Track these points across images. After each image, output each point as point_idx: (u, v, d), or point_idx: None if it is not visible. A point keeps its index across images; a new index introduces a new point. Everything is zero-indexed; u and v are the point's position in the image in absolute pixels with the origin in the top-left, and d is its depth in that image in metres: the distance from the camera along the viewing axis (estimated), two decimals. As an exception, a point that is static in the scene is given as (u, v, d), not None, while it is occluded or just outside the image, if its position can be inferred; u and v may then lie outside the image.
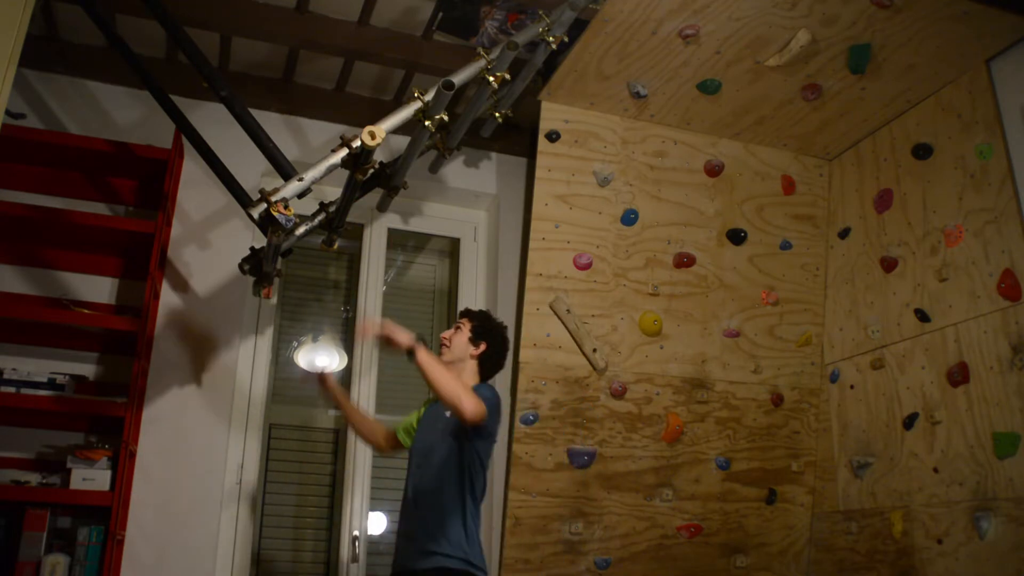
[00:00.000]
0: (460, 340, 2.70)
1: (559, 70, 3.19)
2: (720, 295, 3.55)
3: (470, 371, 2.70)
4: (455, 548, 2.44)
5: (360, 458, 3.38)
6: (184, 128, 2.82)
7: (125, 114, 3.33)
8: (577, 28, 2.97)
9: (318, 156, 2.78)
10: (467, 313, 2.80)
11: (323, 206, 2.90)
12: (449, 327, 3.80)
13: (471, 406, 2.38)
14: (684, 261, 3.52)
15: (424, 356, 2.43)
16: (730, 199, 3.62)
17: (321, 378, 2.92)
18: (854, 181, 3.62)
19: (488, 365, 2.72)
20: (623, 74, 3.23)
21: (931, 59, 3.10)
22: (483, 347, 2.69)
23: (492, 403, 2.51)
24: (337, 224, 2.90)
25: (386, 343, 2.48)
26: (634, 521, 3.34)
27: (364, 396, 3.45)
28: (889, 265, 3.35)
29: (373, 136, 2.43)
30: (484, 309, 2.84)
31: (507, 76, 2.92)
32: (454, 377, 2.49)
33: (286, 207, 2.38)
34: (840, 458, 3.45)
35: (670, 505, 3.38)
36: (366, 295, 3.57)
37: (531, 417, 3.24)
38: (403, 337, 2.45)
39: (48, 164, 3.10)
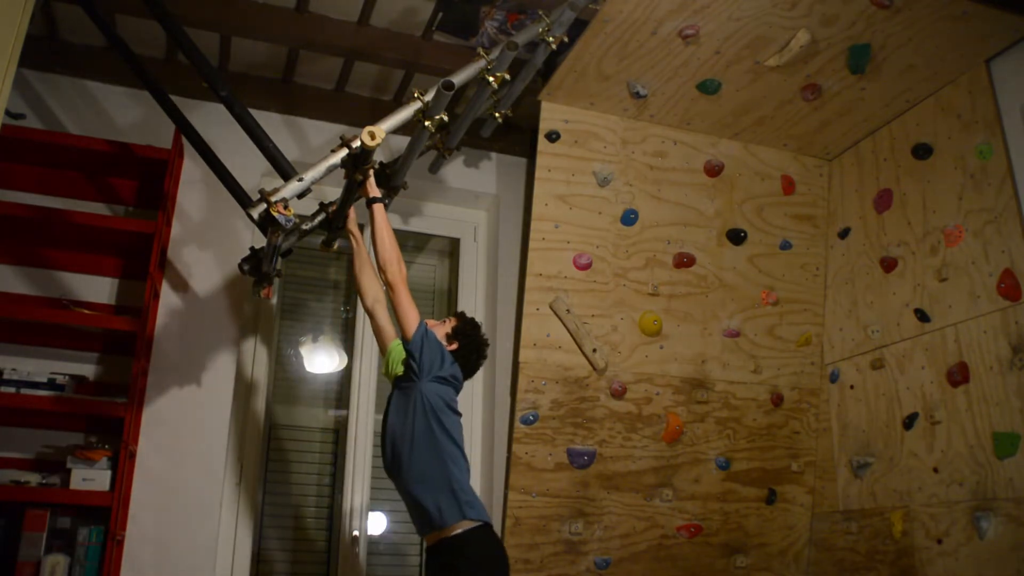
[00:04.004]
0: (439, 331, 2.68)
1: (559, 70, 3.19)
2: (720, 295, 3.55)
3: None
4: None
5: (360, 458, 3.38)
6: (184, 128, 2.82)
7: (125, 114, 3.33)
8: (577, 28, 2.97)
9: (318, 156, 2.78)
10: (460, 314, 2.80)
11: (323, 206, 2.89)
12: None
13: (397, 278, 2.56)
14: (684, 261, 3.52)
15: (382, 210, 2.62)
16: (730, 199, 3.62)
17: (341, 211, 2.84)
18: (854, 181, 3.62)
19: None
20: (623, 74, 3.23)
21: (931, 59, 3.10)
22: (455, 347, 2.67)
23: (427, 333, 2.54)
24: (337, 224, 2.90)
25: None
26: (634, 521, 3.34)
27: (364, 396, 3.45)
28: (889, 265, 3.35)
29: (373, 136, 2.43)
30: (476, 321, 2.81)
31: (507, 76, 2.92)
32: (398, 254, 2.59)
33: (286, 207, 2.37)
34: (840, 458, 3.45)
35: (670, 505, 3.38)
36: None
37: (531, 417, 3.24)
38: (374, 189, 2.65)
39: (48, 164, 3.10)
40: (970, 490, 2.87)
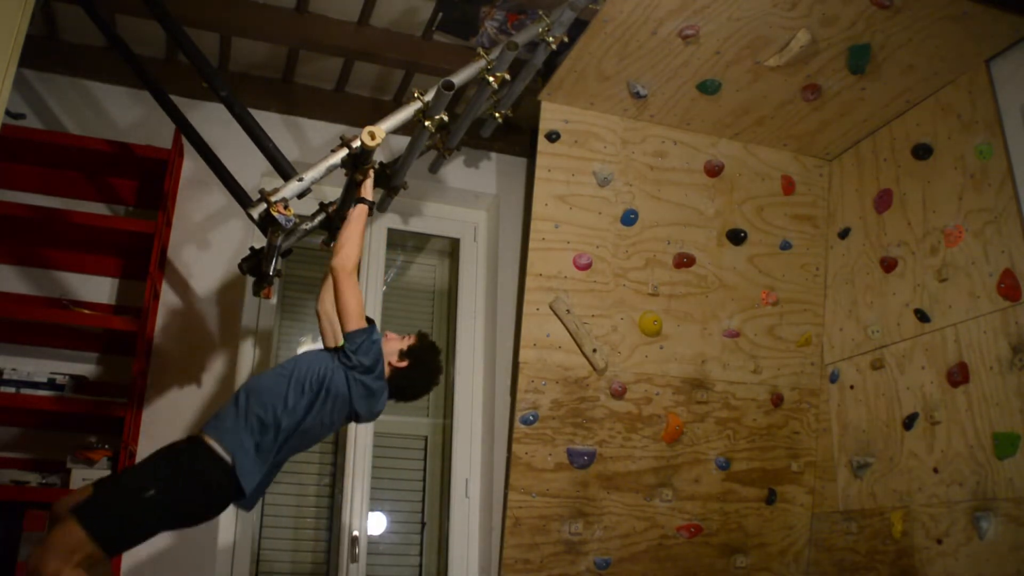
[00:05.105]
0: (394, 345, 2.59)
1: (559, 70, 3.19)
2: (720, 295, 3.55)
3: None
4: None
5: (360, 458, 3.38)
6: (184, 128, 2.82)
7: (125, 114, 3.33)
8: (577, 28, 2.97)
9: (318, 156, 2.78)
10: (422, 335, 2.69)
11: (323, 206, 2.90)
12: (449, 328, 3.83)
13: (348, 265, 2.45)
14: (684, 261, 3.52)
15: (363, 211, 2.57)
16: (730, 199, 3.62)
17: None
18: (854, 181, 3.62)
19: (397, 382, 2.59)
20: (623, 74, 3.23)
21: (931, 59, 3.10)
22: (404, 364, 2.58)
23: (372, 336, 2.47)
24: (337, 224, 2.89)
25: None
26: (634, 521, 3.34)
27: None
28: (889, 265, 3.35)
29: (373, 136, 2.43)
30: (436, 347, 2.70)
31: (507, 76, 2.92)
32: (358, 247, 2.53)
33: (286, 207, 2.37)
34: (840, 458, 3.45)
35: (670, 505, 3.38)
36: (366, 295, 3.57)
37: (531, 417, 3.24)
38: (370, 191, 2.61)
39: (48, 164, 3.10)
40: (970, 490, 2.87)
